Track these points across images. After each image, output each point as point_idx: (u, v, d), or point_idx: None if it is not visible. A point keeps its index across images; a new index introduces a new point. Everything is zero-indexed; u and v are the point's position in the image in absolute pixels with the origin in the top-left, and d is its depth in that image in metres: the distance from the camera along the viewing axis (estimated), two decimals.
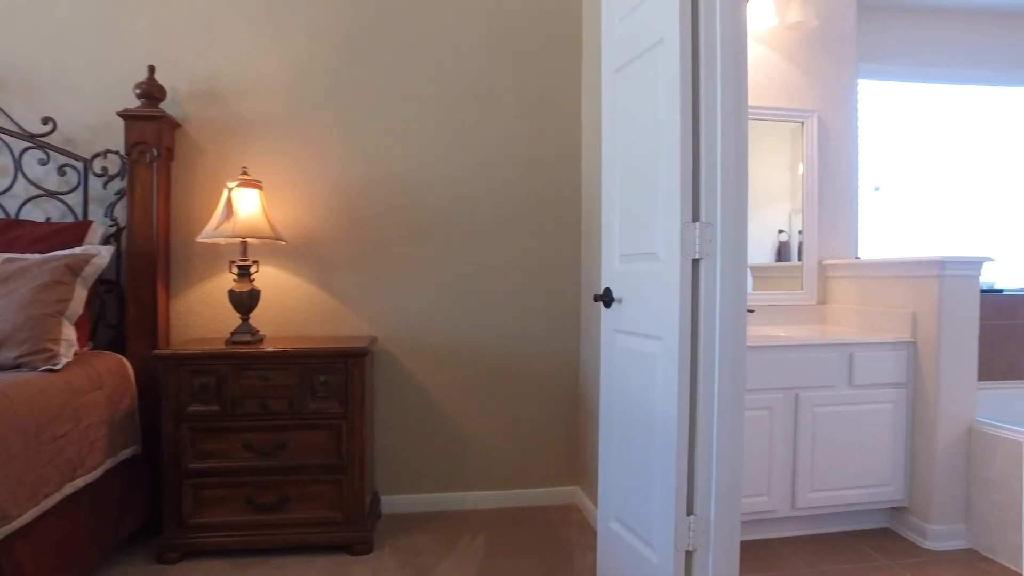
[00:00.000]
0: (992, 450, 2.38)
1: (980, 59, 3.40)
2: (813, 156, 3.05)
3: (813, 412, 2.47)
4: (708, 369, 1.68)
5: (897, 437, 2.55)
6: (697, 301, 1.69)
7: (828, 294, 3.06)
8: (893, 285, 2.66)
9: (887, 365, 2.52)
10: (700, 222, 1.68)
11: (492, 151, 2.91)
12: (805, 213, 3.05)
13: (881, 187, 3.31)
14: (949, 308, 2.44)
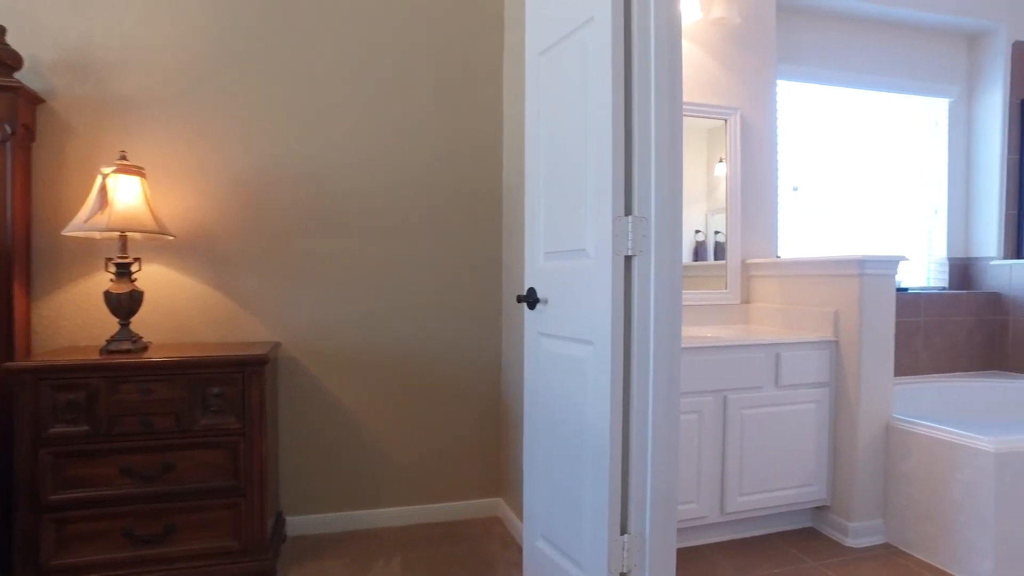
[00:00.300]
0: (907, 446, 2.40)
1: (887, 67, 3.49)
2: (736, 154, 3.03)
3: (741, 415, 2.42)
4: (642, 375, 1.56)
5: (821, 437, 2.54)
6: (630, 301, 1.57)
7: (752, 293, 3.05)
8: (815, 284, 2.66)
9: (811, 365, 2.51)
10: (633, 216, 1.55)
11: (408, 138, 2.71)
12: (728, 211, 3.02)
13: (799, 187, 3.34)
14: (869, 307, 2.45)
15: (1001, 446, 2.12)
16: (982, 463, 2.14)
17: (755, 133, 3.09)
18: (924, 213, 3.66)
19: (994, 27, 3.58)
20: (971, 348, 3.53)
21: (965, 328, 3.51)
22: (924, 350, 3.42)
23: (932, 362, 3.44)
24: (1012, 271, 3.51)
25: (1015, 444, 2.15)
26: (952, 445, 2.23)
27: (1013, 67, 3.58)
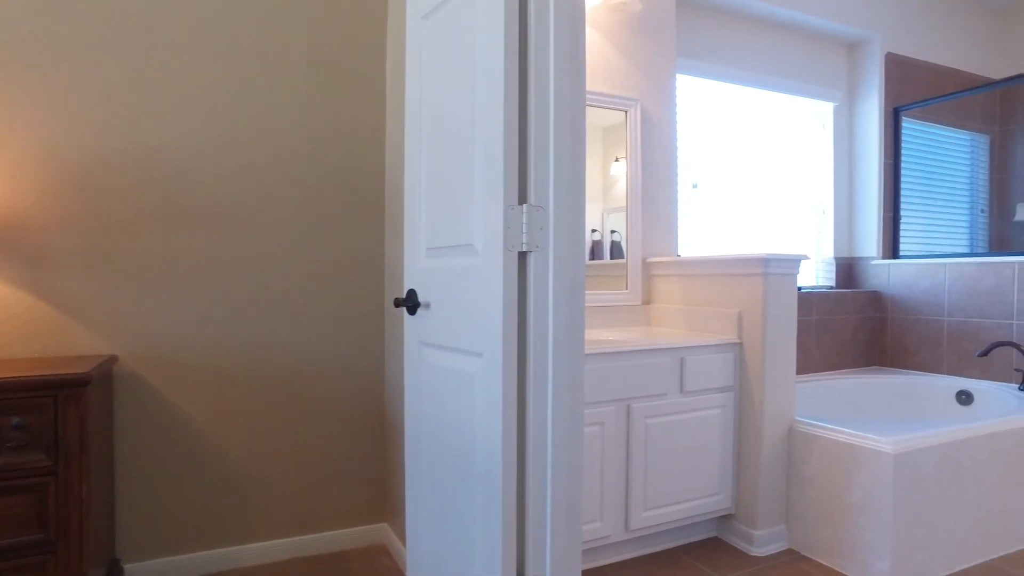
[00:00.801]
0: (809, 448, 2.34)
1: (778, 68, 3.51)
2: (637, 147, 2.90)
3: (646, 424, 2.26)
4: (540, 391, 1.33)
5: (726, 443, 2.44)
6: (525, 305, 1.34)
7: (653, 294, 2.93)
8: (718, 284, 2.56)
9: (716, 368, 2.40)
10: (528, 205, 1.33)
11: (276, 116, 2.36)
12: (629, 206, 2.89)
13: (699, 184, 3.27)
14: (773, 307, 2.37)
15: (900, 447, 2.09)
16: (881, 465, 2.09)
17: (655, 126, 2.98)
18: (814, 213, 3.72)
19: (869, 37, 3.68)
20: (856, 345, 3.62)
21: (851, 326, 3.59)
22: (816, 348, 3.45)
23: (823, 360, 3.49)
24: (890, 271, 3.63)
25: (912, 444, 2.12)
26: (852, 447, 2.18)
27: (887, 77, 3.71)
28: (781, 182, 3.57)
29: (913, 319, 3.53)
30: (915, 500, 2.13)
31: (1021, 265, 3.09)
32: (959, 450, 2.24)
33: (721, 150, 3.35)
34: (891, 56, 3.72)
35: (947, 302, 3.38)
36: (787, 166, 3.60)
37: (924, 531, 2.16)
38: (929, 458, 2.15)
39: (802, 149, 3.67)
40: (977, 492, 2.30)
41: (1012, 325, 3.13)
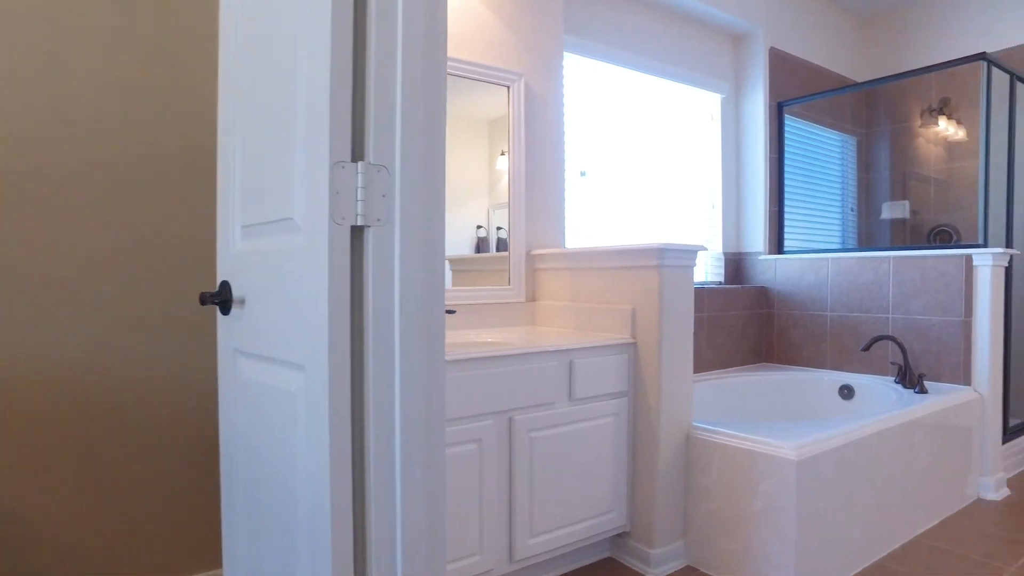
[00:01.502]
0: (708, 456, 2.14)
1: (669, 55, 3.36)
2: (520, 126, 2.61)
3: (531, 438, 1.97)
4: (383, 411, 0.98)
5: (619, 455, 2.20)
6: (363, 299, 0.98)
7: (539, 289, 2.65)
8: (610, 277, 2.32)
9: (609, 372, 2.15)
10: (366, 163, 0.98)
11: (68, 69, 1.85)
12: (511, 191, 2.59)
13: (587, 172, 3.05)
14: (670, 302, 2.15)
15: (803, 452, 1.92)
16: (784, 472, 1.92)
17: (541, 105, 2.71)
18: (704, 207, 3.61)
19: (754, 30, 3.63)
20: (746, 342, 3.54)
21: (741, 322, 3.51)
22: (707, 346, 3.33)
23: (714, 358, 3.37)
24: (776, 266, 3.58)
25: (814, 448, 1.96)
26: (754, 455, 2.00)
27: (771, 71, 3.67)
28: (672, 174, 3.43)
29: (798, 314, 3.50)
30: (817, 507, 1.97)
31: (896, 260, 3.10)
32: (856, 450, 2.12)
33: (611, 137, 3.15)
34: (774, 51, 3.69)
35: (830, 297, 3.36)
36: (678, 157, 3.46)
37: (825, 538, 2.01)
38: (829, 461, 2.01)
39: (692, 140, 3.55)
40: (870, 491, 2.20)
41: (888, 319, 3.14)
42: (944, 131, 3.99)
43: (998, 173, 3.08)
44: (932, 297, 2.98)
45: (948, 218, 3.97)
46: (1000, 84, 3.08)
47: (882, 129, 4.26)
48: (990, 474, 2.84)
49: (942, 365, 2.96)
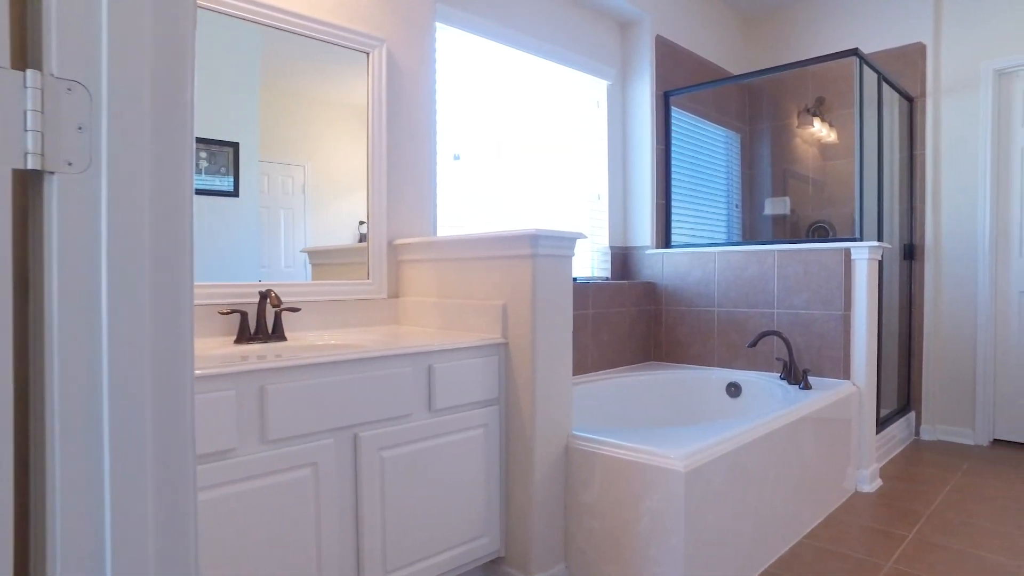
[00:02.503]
0: (590, 469, 1.91)
1: (553, 35, 3.14)
2: (381, 99, 2.28)
3: (381, 458, 1.65)
4: (71, 456, 0.64)
5: (491, 471, 1.92)
6: (40, 283, 0.63)
7: (403, 284, 2.34)
8: (480, 269, 2.04)
9: (476, 377, 1.87)
10: (45, 73, 0.63)
11: None
12: (371, 172, 2.26)
13: (461, 156, 2.76)
14: (544, 296, 1.90)
15: (691, 462, 1.72)
16: (671, 485, 1.72)
17: (407, 77, 2.39)
18: (589, 198, 3.42)
19: (641, 17, 3.50)
20: (633, 339, 3.39)
21: (628, 319, 3.35)
22: (593, 344, 3.14)
23: (600, 357, 3.18)
24: (663, 260, 3.46)
25: (703, 457, 1.77)
26: (639, 466, 1.78)
27: (657, 60, 3.55)
28: (556, 162, 3.21)
29: (686, 310, 3.39)
30: (706, 519, 1.79)
31: (780, 253, 3.04)
32: (745, 454, 1.96)
33: (490, 119, 2.88)
34: (661, 40, 3.57)
35: (717, 292, 3.27)
36: (562, 144, 3.25)
37: (714, 553, 1.83)
38: (719, 469, 1.83)
39: (577, 127, 3.36)
40: (758, 496, 2.05)
41: (773, 314, 3.07)
42: (818, 132, 4.05)
43: (869, 170, 3.09)
44: (814, 291, 2.94)
45: (825, 215, 4.03)
46: (870, 85, 3.10)
47: (764, 126, 4.29)
48: (866, 466, 2.82)
49: (824, 359, 2.92)
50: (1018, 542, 2.29)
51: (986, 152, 3.51)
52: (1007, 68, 3.47)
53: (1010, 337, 3.51)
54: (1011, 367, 3.51)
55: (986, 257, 3.51)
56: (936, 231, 3.66)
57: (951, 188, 3.63)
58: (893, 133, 3.52)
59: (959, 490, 2.82)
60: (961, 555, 2.19)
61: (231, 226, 1.96)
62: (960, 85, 3.60)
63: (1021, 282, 3.48)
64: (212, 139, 1.93)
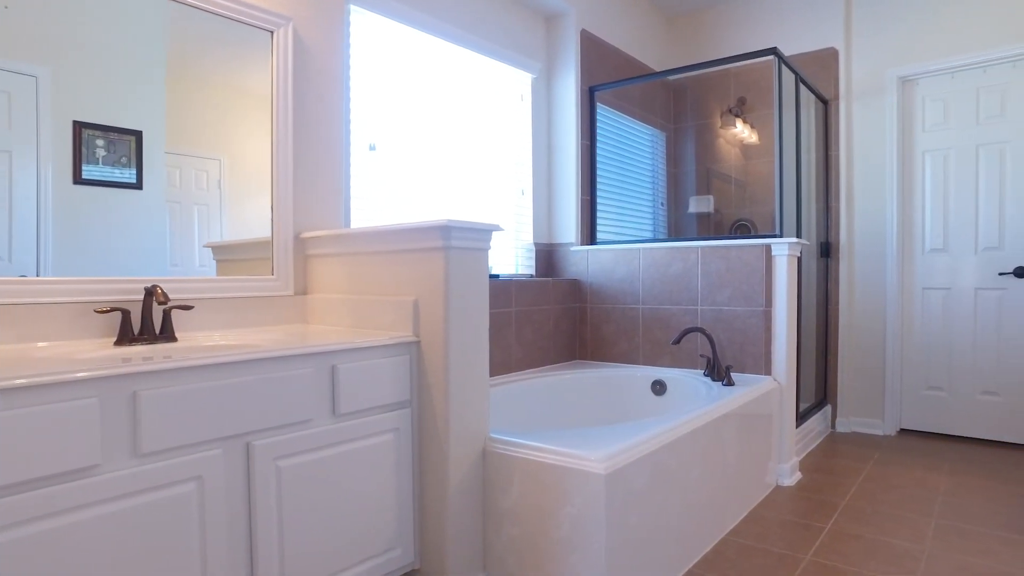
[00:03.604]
0: (509, 474, 1.82)
1: (476, 25, 3.05)
2: (287, 82, 2.12)
3: (278, 468, 1.50)
4: None
5: (402, 479, 1.79)
6: None
7: (312, 281, 2.18)
8: (391, 264, 1.92)
9: (385, 378, 1.74)
10: None
11: None
12: (275, 160, 2.10)
13: (377, 146, 2.62)
14: (458, 291, 1.79)
15: (611, 464, 1.65)
16: (592, 488, 1.64)
17: (316, 60, 2.24)
18: (513, 193, 3.34)
19: (566, 10, 3.45)
20: (558, 338, 3.33)
21: (552, 317, 3.28)
22: (517, 343, 3.05)
23: (525, 356, 3.10)
24: (588, 257, 3.42)
25: (624, 458, 1.71)
26: (558, 469, 1.70)
27: (582, 55, 3.51)
28: (479, 155, 3.11)
29: (611, 308, 3.36)
30: (629, 523, 1.72)
31: (703, 250, 3.05)
32: (668, 454, 1.91)
33: (409, 110, 2.75)
34: (586, 34, 3.53)
35: (642, 289, 3.25)
36: (485, 138, 3.15)
37: (637, 556, 1.77)
38: (641, 470, 1.77)
39: (501, 121, 3.27)
40: (681, 495, 2.01)
41: (697, 311, 3.08)
42: (740, 133, 4.12)
43: (788, 169, 3.14)
44: (737, 288, 2.96)
45: (746, 213, 4.10)
46: (788, 86, 3.15)
47: (688, 125, 4.33)
48: (786, 460, 2.85)
49: (746, 356, 2.94)
50: (922, 528, 2.35)
51: (892, 155, 3.65)
52: (910, 76, 3.62)
53: (915, 331, 3.66)
54: (915, 360, 3.66)
55: (894, 255, 3.65)
56: (849, 230, 3.78)
57: (862, 189, 3.76)
58: (810, 134, 3.61)
59: (870, 480, 2.89)
60: (873, 543, 2.23)
61: (133, 221, 1.78)
62: (869, 90, 3.73)
63: (924, 279, 3.63)
64: (110, 126, 1.74)
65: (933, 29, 3.55)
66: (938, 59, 3.53)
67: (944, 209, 3.58)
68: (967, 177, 3.52)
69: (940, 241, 3.59)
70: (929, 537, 2.28)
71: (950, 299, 3.57)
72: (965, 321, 3.52)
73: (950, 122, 3.56)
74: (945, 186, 3.58)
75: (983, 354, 3.48)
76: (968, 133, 3.51)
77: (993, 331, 3.45)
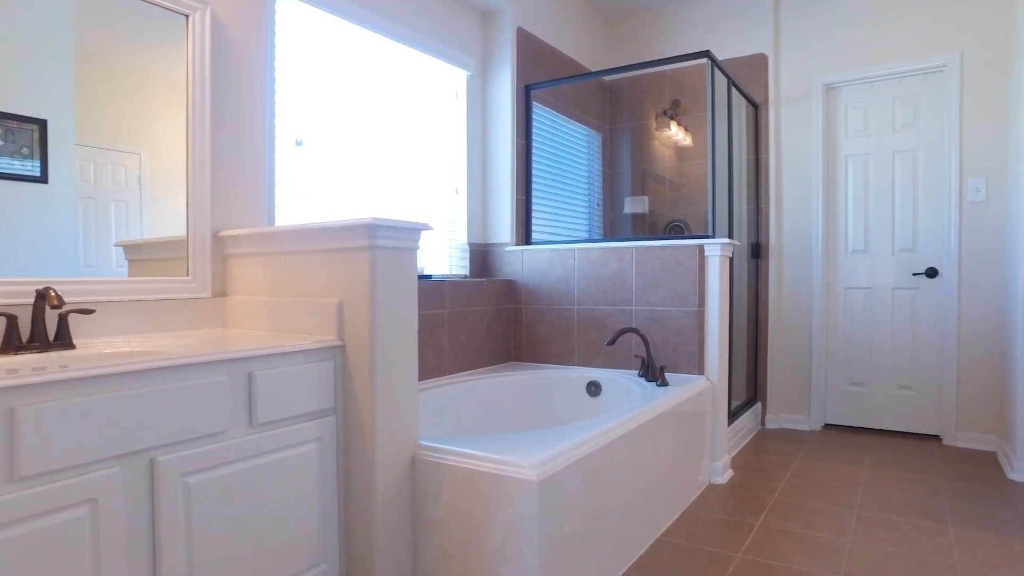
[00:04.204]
0: (439, 482, 1.75)
1: (410, 18, 2.96)
2: (204, 70, 1.99)
3: (186, 485, 1.39)
4: None
5: (326, 491, 1.70)
6: None
7: (231, 282, 2.05)
8: (315, 264, 1.82)
9: (307, 384, 1.64)
10: None
11: None
12: (191, 153, 1.96)
13: (304, 141, 2.50)
14: (385, 292, 1.71)
15: (544, 470, 1.61)
16: (525, 496, 1.59)
17: (237, 48, 2.11)
18: (447, 192, 3.26)
19: (502, 7, 3.40)
20: (492, 339, 3.27)
21: (487, 319, 3.23)
22: (450, 346, 2.98)
23: (458, 359, 3.04)
24: (523, 258, 3.38)
25: (557, 463, 1.67)
26: (489, 477, 1.65)
27: (519, 53, 3.48)
28: (412, 153, 3.02)
29: (546, 309, 3.33)
30: (562, 530, 1.69)
31: (638, 250, 3.06)
32: (602, 457, 1.89)
33: (339, 104, 2.64)
34: (523, 32, 3.49)
35: (577, 290, 3.23)
36: (418, 135, 3.07)
37: (571, 562, 1.74)
38: (575, 475, 1.74)
39: (435, 118, 3.19)
40: (616, 498, 1.99)
41: (632, 311, 3.08)
42: (675, 135, 4.17)
43: (721, 171, 3.19)
44: (671, 288, 2.98)
45: (680, 214, 4.15)
46: (721, 89, 3.20)
47: (624, 127, 4.35)
48: (719, 459, 2.89)
49: (680, 355, 2.97)
50: (845, 520, 2.42)
51: (818, 159, 3.77)
52: (833, 83, 3.75)
53: (838, 329, 3.79)
54: (839, 357, 3.79)
55: (819, 256, 3.77)
56: (779, 231, 3.89)
57: (791, 191, 3.87)
58: (741, 137, 3.69)
59: (797, 475, 2.97)
60: (800, 538, 2.27)
61: (35, 217, 1.62)
62: (796, 96, 3.84)
63: (847, 279, 3.77)
64: (8, 113, 1.58)
65: (854, 40, 3.68)
66: (859, 69, 3.67)
67: (865, 212, 3.72)
68: (885, 182, 3.67)
69: (861, 243, 3.73)
70: (852, 529, 2.35)
71: (870, 298, 3.71)
72: (883, 319, 3.67)
73: (870, 129, 3.70)
74: (866, 190, 3.72)
75: (899, 350, 3.64)
76: (886, 140, 3.66)
77: (908, 328, 3.61)
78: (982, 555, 2.14)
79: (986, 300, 3.38)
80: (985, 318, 3.38)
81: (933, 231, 3.55)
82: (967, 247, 3.42)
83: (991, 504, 2.60)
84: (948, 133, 3.46)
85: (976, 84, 3.40)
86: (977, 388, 3.40)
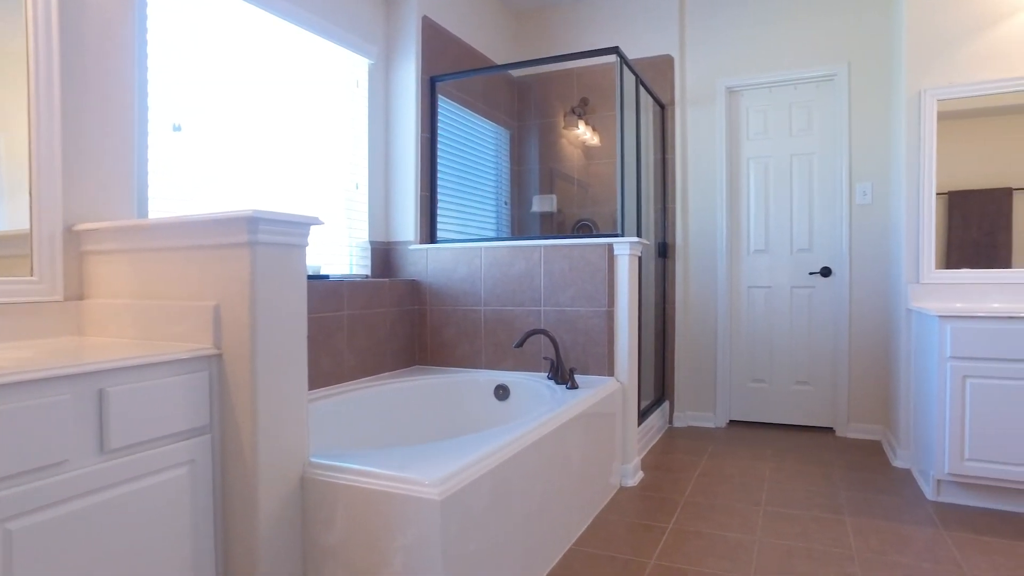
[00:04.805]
0: (332, 504, 1.58)
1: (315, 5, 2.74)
2: (49, 38, 1.71)
3: (7, 533, 1.15)
4: None
5: (201, 521, 1.49)
6: None
7: (90, 283, 1.78)
8: (188, 262, 1.60)
9: (175, 400, 1.43)
10: None
11: None
12: (35, 132, 1.68)
13: (183, 127, 2.23)
14: (267, 293, 1.52)
15: (447, 487, 1.48)
16: (427, 516, 1.45)
17: (96, 14, 1.84)
18: (347, 187, 3.06)
19: None
20: (395, 342, 3.10)
21: (389, 320, 3.06)
22: (348, 350, 2.79)
23: (358, 364, 2.85)
24: (428, 256, 3.23)
25: (462, 479, 1.54)
26: (388, 496, 1.49)
27: (424, 43, 3.32)
28: (308, 144, 2.80)
29: (452, 310, 3.19)
30: (468, 549, 1.56)
31: (546, 249, 2.98)
32: (510, 468, 1.78)
33: (226, 89, 2.39)
34: (428, 21, 3.34)
35: (484, 290, 3.12)
36: (315, 126, 2.85)
37: None
38: (481, 490, 1.61)
39: (334, 108, 2.98)
40: (526, 510, 1.89)
41: (541, 312, 3.00)
42: (583, 135, 4.14)
43: (629, 170, 3.17)
44: (580, 287, 2.92)
45: (588, 213, 4.13)
46: (629, 88, 3.18)
47: (532, 124, 4.29)
48: (629, 460, 2.86)
49: (589, 357, 2.91)
50: (752, 518, 2.44)
51: (722, 160, 3.85)
52: (735, 87, 3.84)
53: (741, 328, 3.89)
54: (742, 354, 3.89)
55: (724, 256, 3.85)
56: (685, 230, 3.93)
57: (696, 191, 3.93)
58: (649, 137, 3.70)
59: (706, 474, 2.99)
60: (711, 539, 2.26)
61: None
62: (701, 97, 3.90)
63: (749, 278, 3.87)
64: None
65: (755, 45, 3.78)
66: (759, 73, 3.77)
67: (766, 213, 3.83)
68: (784, 184, 3.79)
69: (762, 242, 3.84)
70: (759, 527, 2.36)
71: (771, 297, 3.82)
72: (783, 317, 3.79)
73: (769, 132, 3.81)
74: (766, 191, 3.83)
75: (797, 348, 3.77)
76: (783, 143, 3.78)
77: (805, 326, 3.75)
78: (876, 542, 2.21)
79: (873, 299, 3.55)
80: (872, 316, 3.55)
81: (827, 232, 3.69)
82: (856, 248, 3.59)
83: (879, 491, 2.71)
84: (839, 139, 3.62)
85: (862, 93, 3.57)
86: (865, 382, 3.57)
